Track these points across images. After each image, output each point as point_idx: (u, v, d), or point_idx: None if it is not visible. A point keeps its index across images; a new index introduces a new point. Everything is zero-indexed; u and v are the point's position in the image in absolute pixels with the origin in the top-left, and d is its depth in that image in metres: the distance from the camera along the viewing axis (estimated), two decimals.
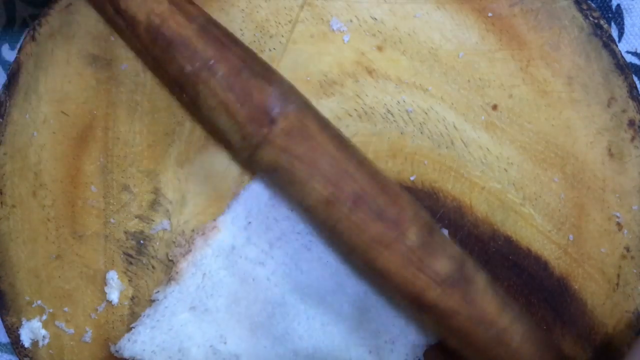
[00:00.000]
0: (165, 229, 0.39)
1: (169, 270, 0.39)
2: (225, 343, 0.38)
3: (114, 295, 0.38)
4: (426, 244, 0.33)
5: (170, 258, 0.39)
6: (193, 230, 0.39)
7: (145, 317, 0.38)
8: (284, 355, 0.38)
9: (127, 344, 0.38)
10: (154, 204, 0.39)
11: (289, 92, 0.34)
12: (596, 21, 0.37)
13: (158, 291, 0.38)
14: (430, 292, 0.33)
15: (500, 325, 0.33)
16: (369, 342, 0.38)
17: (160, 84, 0.39)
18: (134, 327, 0.38)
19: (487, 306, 0.33)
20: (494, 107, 0.38)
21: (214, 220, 0.38)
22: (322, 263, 0.38)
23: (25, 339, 0.38)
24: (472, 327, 0.33)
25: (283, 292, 0.38)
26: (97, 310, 0.39)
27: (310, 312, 0.38)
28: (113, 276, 0.38)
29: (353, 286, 0.38)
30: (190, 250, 0.38)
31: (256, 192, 0.38)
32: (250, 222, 0.38)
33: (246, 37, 0.39)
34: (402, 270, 0.33)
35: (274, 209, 0.38)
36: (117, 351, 0.38)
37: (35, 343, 0.39)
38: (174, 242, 0.39)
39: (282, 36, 0.39)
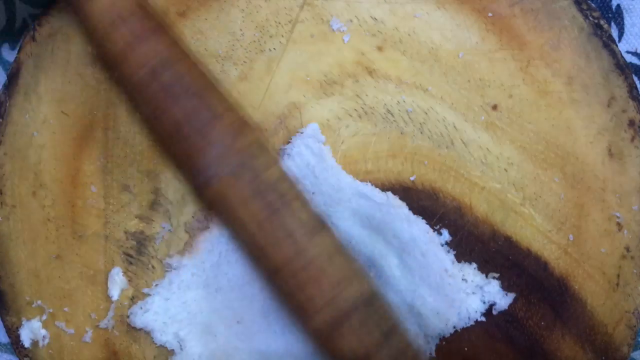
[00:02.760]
0: (165, 229, 0.39)
1: (169, 269, 0.39)
2: (238, 322, 0.38)
3: (115, 292, 0.38)
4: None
5: (186, 230, 0.39)
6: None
7: (159, 287, 0.38)
8: (295, 342, 0.38)
9: (139, 312, 0.38)
10: (154, 204, 0.39)
11: (225, 155, 0.34)
12: (596, 21, 0.37)
13: (172, 255, 0.38)
14: None
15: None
16: None
17: None
18: (147, 296, 0.38)
19: None
20: (494, 107, 0.38)
21: None
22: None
23: (25, 339, 0.38)
24: None
25: None
26: (97, 310, 0.39)
27: None
28: (118, 272, 0.39)
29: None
30: (209, 228, 0.38)
31: None
32: None
33: (246, 37, 0.39)
34: None
35: None
36: (128, 318, 0.38)
37: (35, 343, 0.39)
38: (187, 231, 0.39)
39: (282, 36, 0.39)
